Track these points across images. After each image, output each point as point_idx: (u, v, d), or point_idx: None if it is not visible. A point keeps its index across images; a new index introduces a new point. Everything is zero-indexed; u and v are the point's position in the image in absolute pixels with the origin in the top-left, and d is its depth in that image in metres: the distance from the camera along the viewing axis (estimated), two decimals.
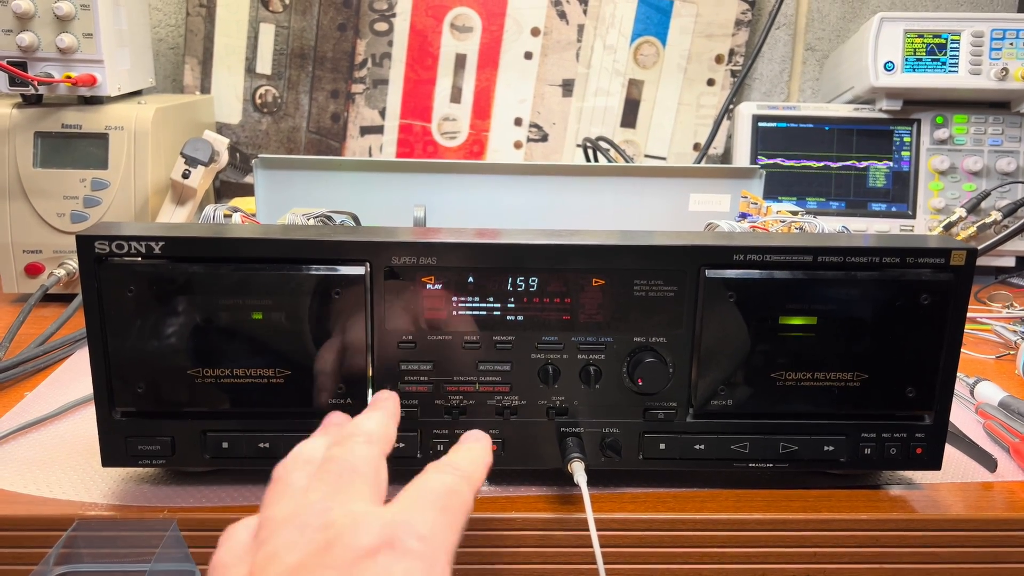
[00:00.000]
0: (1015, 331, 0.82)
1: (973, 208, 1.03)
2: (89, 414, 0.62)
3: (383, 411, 0.43)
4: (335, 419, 0.45)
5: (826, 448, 0.52)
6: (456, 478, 0.38)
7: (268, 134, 1.23)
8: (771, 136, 1.11)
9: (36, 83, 0.87)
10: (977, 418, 0.65)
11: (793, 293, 0.50)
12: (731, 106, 1.21)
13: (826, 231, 0.61)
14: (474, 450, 0.42)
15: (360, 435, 0.39)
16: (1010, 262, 1.07)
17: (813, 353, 0.50)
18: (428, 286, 0.49)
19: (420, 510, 0.35)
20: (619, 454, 0.52)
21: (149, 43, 1.10)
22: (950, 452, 0.54)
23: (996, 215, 1.01)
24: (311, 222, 0.60)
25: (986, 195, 1.04)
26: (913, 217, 1.07)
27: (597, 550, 0.44)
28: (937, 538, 0.52)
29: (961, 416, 0.66)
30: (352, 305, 0.49)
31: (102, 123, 0.90)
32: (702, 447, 0.52)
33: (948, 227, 1.03)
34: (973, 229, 1.02)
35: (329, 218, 0.62)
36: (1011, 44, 1.02)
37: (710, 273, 0.49)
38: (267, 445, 0.51)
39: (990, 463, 0.56)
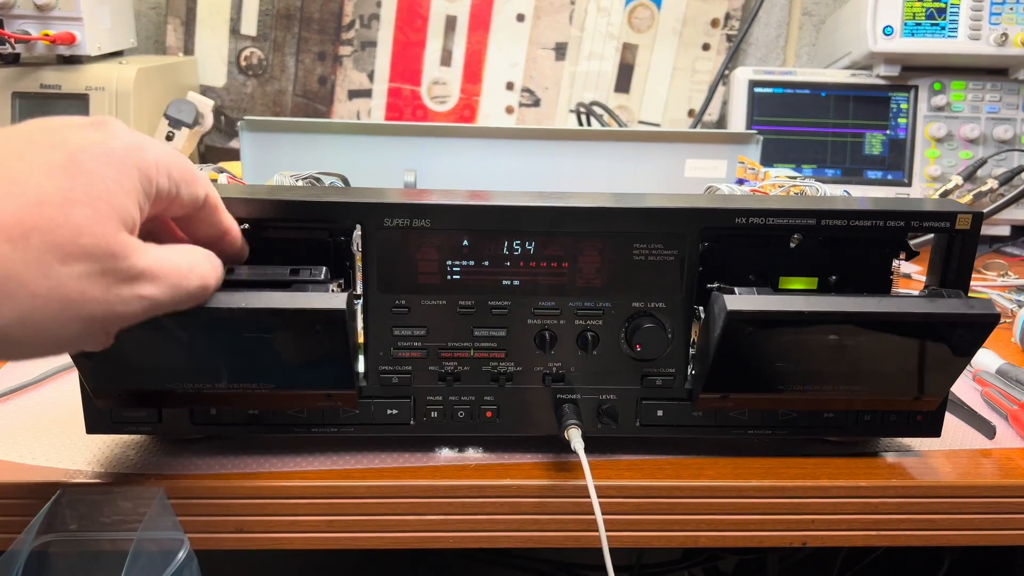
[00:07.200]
0: (1011, 299, 0.81)
1: (969, 176, 1.02)
2: (72, 380, 0.60)
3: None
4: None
5: (825, 415, 0.52)
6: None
7: (253, 97, 1.20)
8: (767, 102, 1.09)
9: (13, 41, 0.84)
10: (975, 385, 0.65)
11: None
12: (727, 71, 1.19)
13: (828, 195, 0.59)
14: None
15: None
16: (1005, 231, 1.07)
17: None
18: (422, 249, 0.48)
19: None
20: (616, 421, 0.51)
21: (130, 1, 1.06)
22: (949, 419, 0.53)
23: (992, 183, 1.00)
24: (300, 184, 0.59)
25: (983, 163, 1.03)
26: (909, 185, 1.07)
27: (599, 516, 0.44)
28: (935, 505, 0.51)
29: (959, 384, 0.65)
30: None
31: (82, 84, 0.87)
32: (700, 414, 0.51)
33: (944, 195, 1.02)
34: (969, 197, 1.01)
35: (318, 180, 0.61)
36: (1011, 9, 1.00)
37: None
38: (255, 412, 0.49)
39: (988, 430, 0.56)
